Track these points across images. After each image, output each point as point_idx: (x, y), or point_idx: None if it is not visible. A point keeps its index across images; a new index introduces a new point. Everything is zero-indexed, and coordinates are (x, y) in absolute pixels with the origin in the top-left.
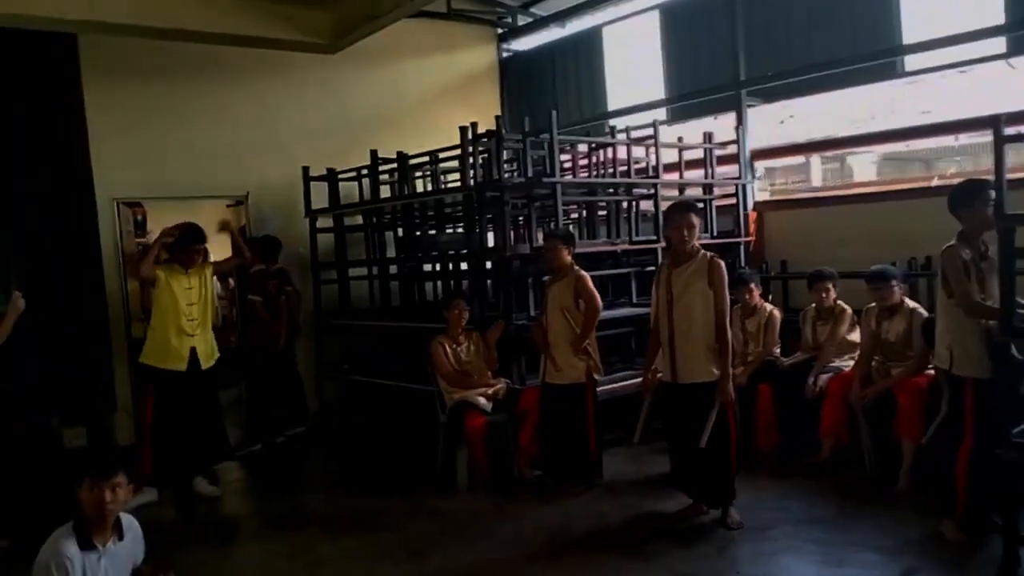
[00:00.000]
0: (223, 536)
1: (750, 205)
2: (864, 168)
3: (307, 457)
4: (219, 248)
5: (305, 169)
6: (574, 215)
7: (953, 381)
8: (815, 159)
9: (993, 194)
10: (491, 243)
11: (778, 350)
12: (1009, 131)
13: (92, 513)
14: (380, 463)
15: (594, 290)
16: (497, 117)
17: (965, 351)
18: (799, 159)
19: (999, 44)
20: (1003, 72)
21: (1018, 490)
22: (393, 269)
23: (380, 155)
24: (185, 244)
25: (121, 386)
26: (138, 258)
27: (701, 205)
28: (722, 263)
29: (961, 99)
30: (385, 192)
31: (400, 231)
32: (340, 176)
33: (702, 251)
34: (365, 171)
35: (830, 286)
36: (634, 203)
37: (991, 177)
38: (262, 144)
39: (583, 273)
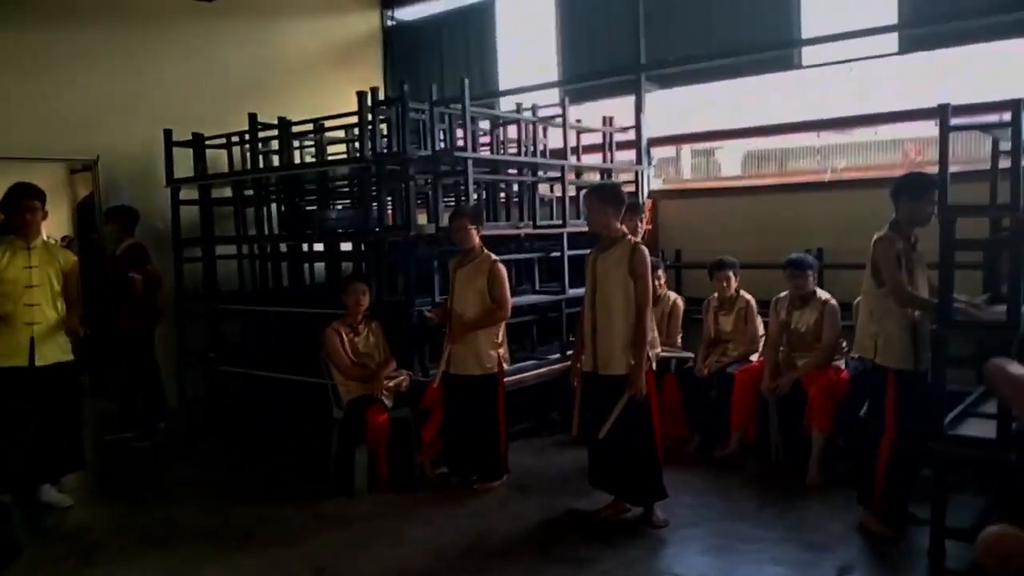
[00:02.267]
0: (83, 554)
1: (646, 192)
2: (730, 164)
3: (171, 460)
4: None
5: (167, 132)
6: (474, 196)
7: (876, 371)
8: (686, 152)
9: (935, 195)
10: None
11: (680, 340)
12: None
13: None
14: (263, 466)
15: (508, 294)
16: (402, 82)
17: (889, 341)
18: (670, 151)
19: (891, 42)
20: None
21: (947, 483)
22: (274, 248)
23: (260, 121)
24: (16, 200)
25: None
26: None
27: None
28: (644, 250)
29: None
30: (261, 161)
31: (277, 207)
32: (208, 143)
33: (628, 237)
34: (237, 138)
35: (731, 275)
36: (535, 186)
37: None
38: (118, 102)
39: (500, 267)
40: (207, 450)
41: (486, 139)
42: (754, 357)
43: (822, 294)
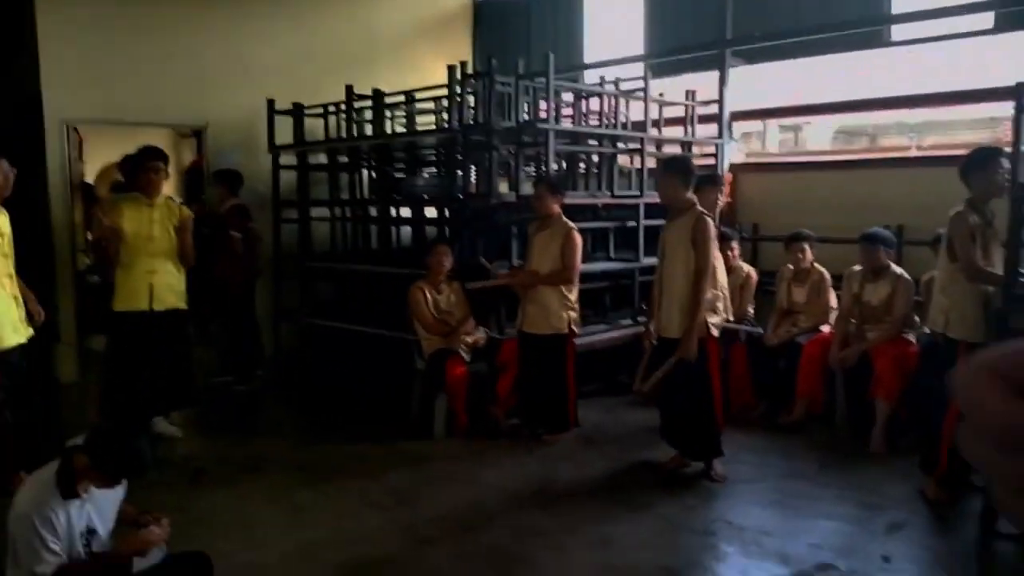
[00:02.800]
0: (191, 479)
1: (726, 166)
2: (817, 139)
3: (266, 402)
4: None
5: (270, 102)
6: (554, 166)
7: (946, 344)
8: (773, 127)
9: (1005, 162)
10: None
11: (752, 310)
12: None
13: (83, 480)
14: (349, 410)
15: (577, 261)
16: (489, 57)
17: (962, 315)
18: (757, 126)
19: (987, 19)
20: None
21: None
22: (364, 212)
23: (356, 91)
24: (143, 162)
25: (65, 318)
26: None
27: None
28: (708, 221)
29: (931, 73)
30: (356, 130)
31: (369, 173)
32: (307, 111)
33: (694, 207)
34: (333, 107)
35: (807, 247)
36: (614, 157)
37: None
38: (225, 72)
39: (575, 235)
40: (299, 395)
41: (569, 111)
42: (824, 328)
43: (896, 269)
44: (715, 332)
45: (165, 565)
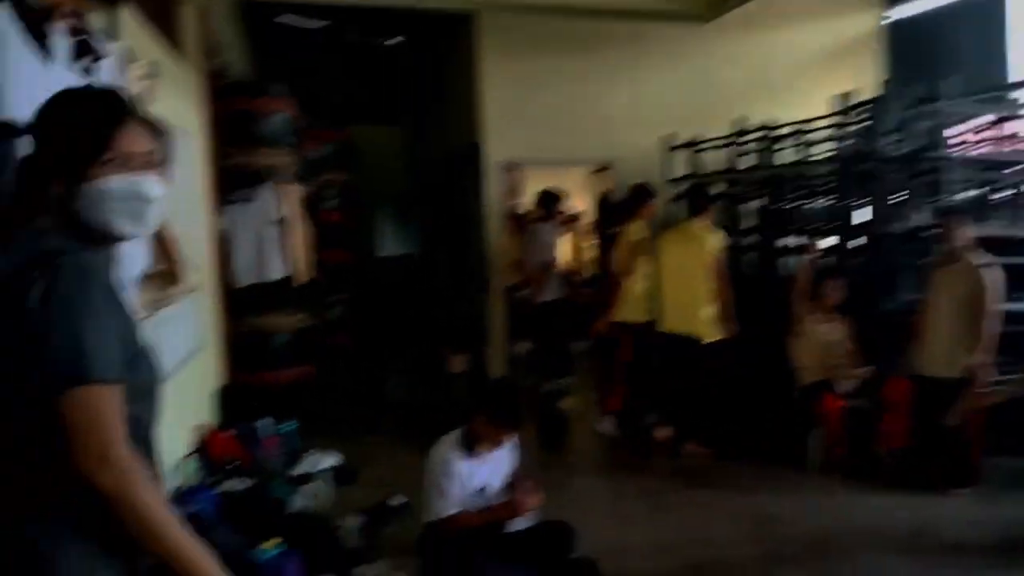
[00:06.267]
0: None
1: None
2: None
3: None
4: None
5: (667, 138)
6: (960, 195)
7: None
8: None
9: None
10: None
11: None
12: None
13: (482, 439)
14: (731, 430)
15: (992, 309)
16: (886, 81)
17: None
18: None
19: None
20: None
21: None
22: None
23: (745, 125)
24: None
25: (495, 326)
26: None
27: None
28: None
29: None
30: (747, 161)
31: (761, 202)
32: (700, 146)
33: None
34: (722, 141)
35: None
36: None
37: None
38: (629, 113)
39: (987, 278)
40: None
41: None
42: None
43: None
44: None
45: (534, 527)
